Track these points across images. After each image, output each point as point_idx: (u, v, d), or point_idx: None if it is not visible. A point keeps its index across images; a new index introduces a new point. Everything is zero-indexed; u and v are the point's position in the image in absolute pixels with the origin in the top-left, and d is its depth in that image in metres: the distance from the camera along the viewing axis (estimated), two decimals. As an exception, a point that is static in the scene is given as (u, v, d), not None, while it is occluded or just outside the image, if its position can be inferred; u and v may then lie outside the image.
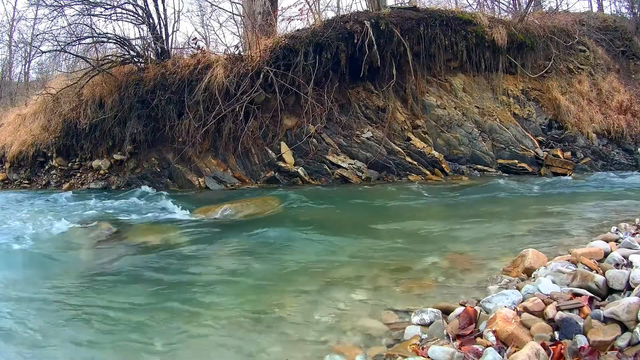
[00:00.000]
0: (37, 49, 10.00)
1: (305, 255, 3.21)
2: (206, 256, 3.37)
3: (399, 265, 2.79)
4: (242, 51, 7.90)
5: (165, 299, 2.44)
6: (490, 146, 8.02)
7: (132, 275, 2.97)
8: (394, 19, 7.72)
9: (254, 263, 3.10)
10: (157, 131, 7.63)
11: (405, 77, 7.90)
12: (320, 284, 2.53)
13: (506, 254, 2.79)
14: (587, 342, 1.44)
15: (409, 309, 2.03)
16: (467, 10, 9.53)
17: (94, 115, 7.88)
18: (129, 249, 3.63)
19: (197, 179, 7.55)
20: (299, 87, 7.32)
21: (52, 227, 4.20)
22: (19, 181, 8.98)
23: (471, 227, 3.84)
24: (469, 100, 8.25)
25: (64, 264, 3.30)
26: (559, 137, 8.38)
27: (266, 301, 2.33)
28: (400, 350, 1.66)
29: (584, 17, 10.77)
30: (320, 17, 8.51)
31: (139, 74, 7.90)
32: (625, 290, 1.72)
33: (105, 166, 8.08)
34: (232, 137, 7.42)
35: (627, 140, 8.65)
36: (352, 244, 3.47)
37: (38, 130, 8.62)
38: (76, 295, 2.55)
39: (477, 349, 1.49)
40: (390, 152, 7.60)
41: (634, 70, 10.04)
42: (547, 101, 8.61)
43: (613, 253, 2.09)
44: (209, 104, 7.33)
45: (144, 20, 8.32)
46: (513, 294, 1.88)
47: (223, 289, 2.58)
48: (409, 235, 3.66)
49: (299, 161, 7.44)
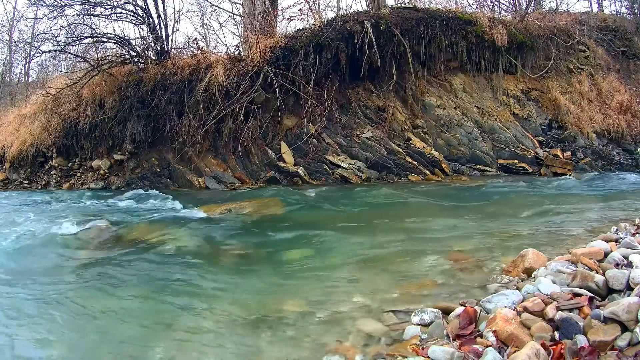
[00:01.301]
0: (37, 49, 10.00)
1: (304, 255, 3.21)
2: (206, 256, 3.37)
3: (399, 265, 2.79)
4: (242, 51, 7.90)
5: (164, 299, 2.44)
6: (490, 146, 8.02)
7: (131, 275, 2.97)
8: (394, 19, 7.72)
9: (253, 263, 3.11)
10: (157, 131, 7.64)
11: (405, 77, 7.90)
12: (320, 284, 2.53)
13: (506, 254, 2.79)
14: (587, 342, 1.44)
15: (409, 309, 2.03)
16: (467, 10, 9.54)
17: (94, 115, 7.88)
18: (129, 249, 3.63)
19: (197, 179, 7.54)
20: (299, 87, 7.32)
21: (52, 227, 4.19)
22: (19, 181, 8.98)
23: (471, 227, 3.84)
24: (469, 100, 8.25)
25: (64, 264, 3.30)
26: (559, 137, 8.38)
27: (266, 301, 2.33)
28: (400, 350, 1.66)
29: (584, 17, 10.79)
30: (320, 17, 8.52)
31: (139, 74, 7.91)
32: (625, 290, 1.72)
33: (105, 166, 8.08)
34: (232, 137, 7.42)
35: (627, 140, 8.66)
36: (352, 244, 3.47)
37: (38, 130, 8.62)
38: (75, 295, 2.55)
39: (477, 349, 1.49)
40: (390, 152, 7.60)
41: (634, 70, 10.04)
42: (547, 101, 8.61)
43: (613, 253, 2.09)
44: (209, 104, 7.33)
45: (144, 20, 8.32)
46: (513, 294, 1.88)
47: (223, 289, 2.58)
48: (408, 235, 3.66)
49: (299, 161, 7.44)
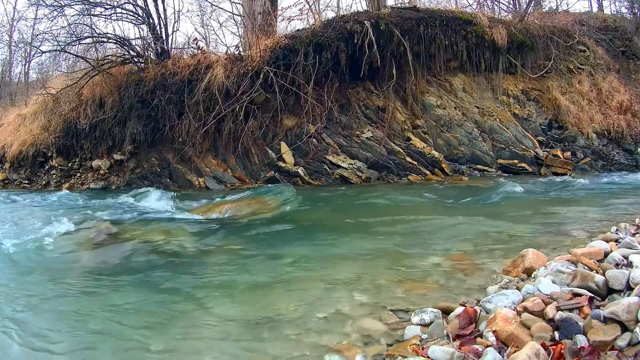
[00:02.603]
0: (37, 49, 10.00)
1: (305, 255, 3.21)
2: (206, 256, 3.37)
3: (399, 265, 2.79)
4: (242, 51, 7.90)
5: (164, 299, 2.44)
6: (490, 146, 8.02)
7: (131, 275, 2.97)
8: (394, 19, 7.73)
9: (253, 263, 3.10)
10: (157, 131, 7.64)
11: (405, 77, 7.90)
12: (320, 283, 2.53)
13: (506, 254, 2.79)
14: (587, 342, 1.44)
15: (409, 309, 2.03)
16: (467, 10, 9.54)
17: (94, 115, 7.88)
18: (129, 249, 3.63)
19: (197, 179, 7.55)
20: (299, 87, 7.32)
21: (51, 227, 4.19)
22: (19, 181, 8.98)
23: (471, 227, 3.84)
24: (469, 100, 8.25)
25: (64, 264, 3.30)
26: (559, 137, 8.38)
27: (266, 301, 2.33)
28: (400, 350, 1.66)
29: (584, 17, 10.79)
30: (320, 17, 8.52)
31: (139, 74, 7.91)
32: (625, 290, 1.71)
33: (105, 166, 8.08)
34: (232, 137, 7.43)
35: (627, 140, 8.66)
36: (352, 244, 3.47)
37: (38, 130, 8.62)
38: (75, 295, 2.55)
39: (477, 349, 1.49)
40: (390, 152, 7.60)
41: (634, 70, 10.04)
42: (547, 101, 8.62)
43: (613, 253, 2.09)
44: (209, 104, 7.33)
45: (144, 20, 8.32)
46: (513, 294, 1.87)
47: (223, 289, 2.58)
48: (408, 235, 3.66)
49: (299, 161, 7.44)
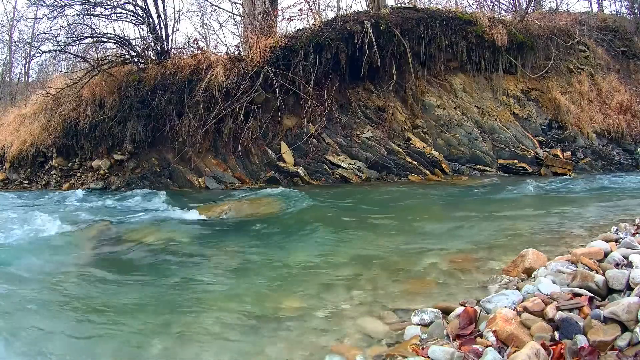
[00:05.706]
0: (37, 49, 10.02)
1: (305, 255, 3.21)
2: (206, 256, 3.37)
3: (399, 265, 2.79)
4: (242, 51, 7.90)
5: (164, 299, 2.44)
6: (490, 146, 8.02)
7: (131, 276, 2.97)
8: (394, 19, 7.72)
9: (253, 263, 3.10)
10: (157, 131, 7.63)
11: (405, 77, 7.90)
12: (320, 283, 2.53)
13: (506, 254, 2.79)
14: (587, 342, 1.44)
15: (409, 309, 2.03)
16: (467, 10, 9.54)
17: (94, 115, 7.88)
18: (129, 249, 3.63)
19: (197, 179, 7.55)
20: (299, 87, 7.32)
21: (51, 227, 4.19)
22: (19, 181, 8.98)
23: (471, 227, 3.84)
24: (469, 100, 8.25)
25: (64, 264, 3.30)
26: (559, 137, 8.38)
27: (266, 301, 2.33)
28: (400, 350, 1.66)
29: (584, 17, 10.78)
30: (320, 17, 8.52)
31: (139, 74, 7.91)
32: (625, 290, 1.72)
33: (105, 166, 8.08)
34: (232, 137, 7.42)
35: (627, 140, 8.66)
36: (352, 244, 3.47)
37: (38, 130, 8.62)
38: (75, 295, 2.55)
39: (477, 349, 1.49)
40: (390, 152, 7.60)
41: (634, 70, 10.04)
42: (547, 101, 8.61)
43: (613, 253, 2.09)
44: (209, 104, 7.33)
45: (144, 20, 8.32)
46: (513, 294, 1.87)
47: (223, 289, 2.58)
48: (408, 235, 3.67)
49: (299, 161, 7.44)
